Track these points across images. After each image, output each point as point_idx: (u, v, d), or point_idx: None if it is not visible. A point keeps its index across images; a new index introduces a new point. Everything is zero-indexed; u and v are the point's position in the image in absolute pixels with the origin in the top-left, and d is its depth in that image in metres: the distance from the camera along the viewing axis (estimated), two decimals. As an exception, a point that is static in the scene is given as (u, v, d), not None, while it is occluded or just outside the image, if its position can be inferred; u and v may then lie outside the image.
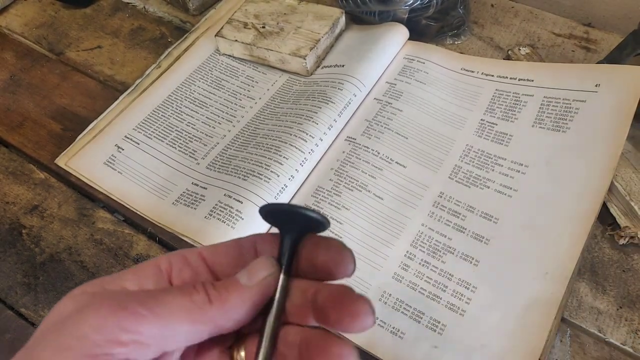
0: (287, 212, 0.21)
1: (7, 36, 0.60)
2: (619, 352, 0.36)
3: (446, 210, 0.42)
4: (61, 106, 0.52)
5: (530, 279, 0.37)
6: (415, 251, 0.40)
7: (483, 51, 0.54)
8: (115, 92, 0.53)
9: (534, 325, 0.35)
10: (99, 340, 0.17)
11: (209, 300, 0.19)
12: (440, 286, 0.38)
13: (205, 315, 0.19)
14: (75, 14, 0.62)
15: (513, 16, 0.57)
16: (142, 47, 0.58)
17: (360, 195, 0.43)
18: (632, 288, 0.38)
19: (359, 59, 0.50)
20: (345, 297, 0.20)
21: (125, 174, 0.45)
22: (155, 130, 0.49)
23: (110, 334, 0.18)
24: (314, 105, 0.47)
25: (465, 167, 0.44)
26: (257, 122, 0.49)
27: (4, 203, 0.46)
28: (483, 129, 0.46)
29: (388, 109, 0.48)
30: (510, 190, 0.42)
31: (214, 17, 0.58)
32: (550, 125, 0.45)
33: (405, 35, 0.53)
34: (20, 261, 0.42)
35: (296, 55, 0.50)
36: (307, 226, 0.22)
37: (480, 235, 0.40)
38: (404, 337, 0.36)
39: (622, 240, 0.40)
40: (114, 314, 0.18)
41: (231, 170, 0.44)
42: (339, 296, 0.20)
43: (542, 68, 0.49)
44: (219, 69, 0.54)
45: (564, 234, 0.38)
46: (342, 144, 0.46)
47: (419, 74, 0.51)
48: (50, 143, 0.49)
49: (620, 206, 0.41)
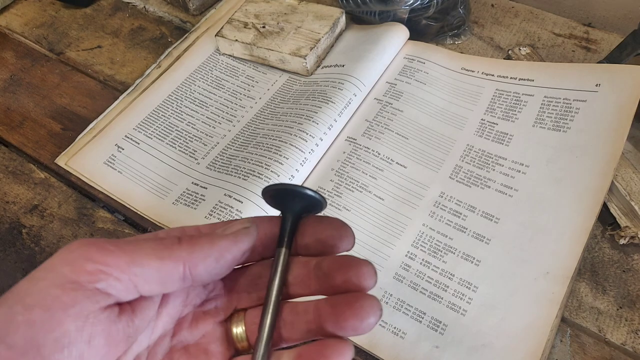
0: (289, 191, 0.22)
1: (7, 36, 0.60)
2: (619, 352, 0.36)
3: (447, 210, 0.42)
4: (61, 106, 0.52)
5: (532, 279, 0.37)
6: (416, 251, 0.40)
7: (483, 51, 0.54)
8: (115, 92, 0.53)
9: (535, 325, 0.35)
10: (66, 271, 0.18)
11: (178, 241, 0.20)
12: (441, 286, 0.38)
13: (172, 253, 0.20)
14: (75, 13, 0.62)
15: (513, 16, 0.57)
16: (142, 47, 0.58)
17: (361, 195, 0.43)
18: (632, 288, 0.38)
19: (359, 59, 0.50)
20: (350, 260, 0.21)
21: (125, 174, 0.45)
22: (156, 130, 0.49)
23: (76, 264, 0.18)
24: (314, 105, 0.47)
25: (465, 167, 0.44)
26: (257, 121, 0.49)
27: (4, 202, 0.46)
28: (484, 129, 0.46)
29: (388, 109, 0.48)
30: (511, 190, 0.42)
31: (214, 17, 0.58)
32: (550, 125, 0.45)
33: (406, 35, 0.53)
34: (20, 260, 0.42)
35: (296, 55, 0.50)
36: (307, 205, 0.23)
37: (481, 235, 0.40)
38: (405, 337, 0.36)
39: (623, 240, 0.40)
40: (82, 248, 0.19)
41: (231, 170, 0.44)
42: (344, 260, 0.21)
43: (543, 68, 0.49)
44: (219, 69, 0.54)
45: (565, 234, 0.38)
46: (342, 145, 0.46)
47: (419, 74, 0.51)
48: (50, 143, 0.49)
49: (621, 206, 0.41)
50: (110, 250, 0.19)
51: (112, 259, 0.19)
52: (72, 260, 0.19)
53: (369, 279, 0.21)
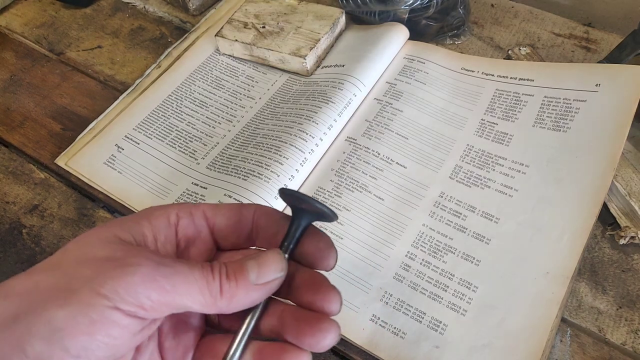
0: (305, 200, 0.22)
1: (7, 36, 0.60)
2: (619, 352, 0.36)
3: (447, 210, 0.42)
4: (61, 106, 0.52)
5: (531, 279, 0.37)
6: (416, 251, 0.40)
7: (483, 51, 0.54)
8: (115, 92, 0.53)
9: (535, 325, 0.35)
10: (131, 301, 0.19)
11: (220, 292, 0.20)
12: (441, 286, 0.38)
13: (214, 305, 0.20)
14: (75, 14, 0.62)
15: (513, 16, 0.57)
16: (142, 47, 0.58)
17: (361, 196, 0.43)
18: (632, 288, 0.38)
19: (359, 59, 0.50)
20: (321, 283, 0.22)
21: (125, 174, 0.45)
22: (156, 130, 0.49)
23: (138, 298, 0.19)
24: (314, 105, 0.47)
25: (465, 167, 0.44)
26: (257, 122, 0.49)
27: (4, 203, 0.46)
28: (483, 129, 0.46)
29: (388, 109, 0.48)
30: (511, 190, 0.42)
31: (214, 17, 0.58)
32: (550, 125, 0.45)
33: (406, 35, 0.53)
34: (21, 260, 0.42)
35: (296, 55, 0.50)
36: (318, 219, 0.23)
37: (481, 235, 0.40)
38: (406, 337, 0.36)
39: (622, 240, 0.40)
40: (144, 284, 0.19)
41: (231, 170, 0.44)
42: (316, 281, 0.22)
43: (543, 68, 0.49)
44: (219, 69, 0.54)
45: (565, 234, 0.38)
46: (342, 145, 0.46)
47: (419, 74, 0.51)
48: (50, 143, 0.49)
49: (621, 206, 0.41)
50: (166, 291, 0.19)
51: (159, 295, 0.19)
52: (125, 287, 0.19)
53: (333, 306, 0.22)
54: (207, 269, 0.21)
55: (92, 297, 0.18)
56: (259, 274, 0.21)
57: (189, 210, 0.23)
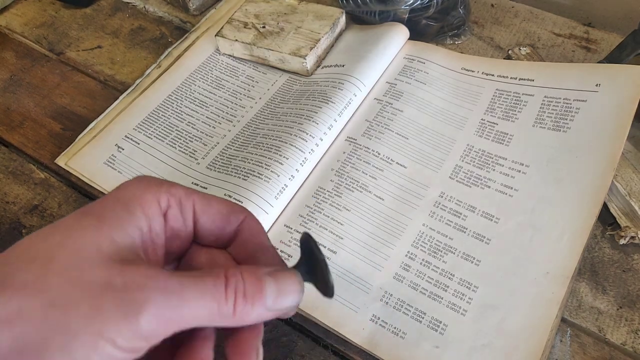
0: (319, 261, 0.22)
1: (7, 36, 0.60)
2: (619, 352, 0.36)
3: (447, 210, 0.42)
4: (61, 106, 0.52)
5: (531, 279, 0.37)
6: (416, 251, 0.40)
7: (483, 51, 0.54)
8: (115, 92, 0.53)
9: (535, 325, 0.35)
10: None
11: (233, 312, 0.19)
12: (441, 286, 0.38)
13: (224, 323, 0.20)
14: (75, 13, 0.62)
15: (513, 16, 0.57)
16: (142, 47, 0.58)
17: (361, 196, 0.43)
18: (632, 288, 0.38)
19: (359, 59, 0.50)
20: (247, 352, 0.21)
21: (125, 174, 0.45)
22: (156, 130, 0.49)
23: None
24: (314, 105, 0.47)
25: (466, 167, 0.44)
26: (257, 121, 0.49)
27: (4, 203, 0.46)
28: (484, 129, 0.46)
29: (388, 109, 0.48)
30: (511, 190, 0.42)
31: (214, 17, 0.58)
32: (550, 125, 0.45)
33: (406, 35, 0.53)
34: (21, 261, 0.42)
35: (296, 55, 0.50)
36: (315, 281, 0.23)
37: (481, 235, 0.40)
38: (406, 337, 0.36)
39: (623, 240, 0.40)
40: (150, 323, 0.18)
41: (231, 170, 0.44)
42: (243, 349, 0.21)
43: (543, 68, 0.49)
44: (219, 69, 0.54)
45: (565, 234, 0.38)
46: (342, 145, 0.46)
47: (419, 74, 0.51)
48: (50, 143, 0.49)
49: (621, 206, 0.41)
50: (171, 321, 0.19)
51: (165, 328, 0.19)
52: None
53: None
54: (220, 289, 0.19)
55: (95, 341, 0.17)
56: (276, 300, 0.20)
57: (179, 199, 0.22)
